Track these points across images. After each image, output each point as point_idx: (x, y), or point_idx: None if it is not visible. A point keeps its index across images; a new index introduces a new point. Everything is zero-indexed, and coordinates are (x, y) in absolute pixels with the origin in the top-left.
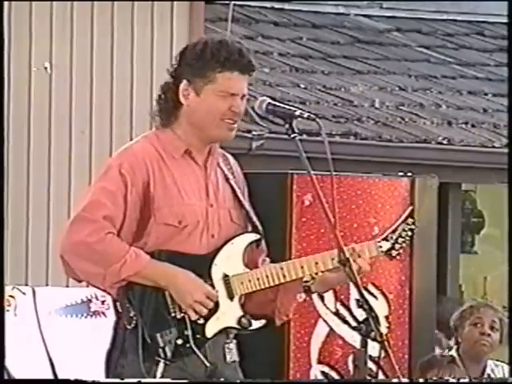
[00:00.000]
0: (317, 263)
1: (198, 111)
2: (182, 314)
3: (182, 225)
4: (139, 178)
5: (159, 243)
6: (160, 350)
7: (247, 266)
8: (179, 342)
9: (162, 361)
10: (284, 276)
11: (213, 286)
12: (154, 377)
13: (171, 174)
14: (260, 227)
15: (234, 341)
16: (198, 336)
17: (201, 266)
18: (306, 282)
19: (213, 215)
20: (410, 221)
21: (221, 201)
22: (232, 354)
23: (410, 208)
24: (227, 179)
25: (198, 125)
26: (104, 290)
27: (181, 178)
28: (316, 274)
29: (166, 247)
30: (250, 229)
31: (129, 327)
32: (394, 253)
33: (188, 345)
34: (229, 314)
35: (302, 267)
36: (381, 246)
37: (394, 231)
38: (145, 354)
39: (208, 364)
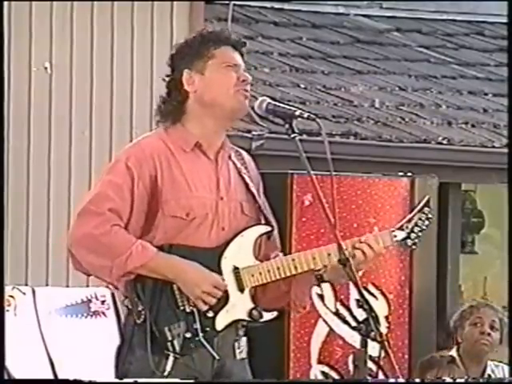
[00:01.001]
0: (329, 254)
1: (208, 89)
2: (191, 308)
3: (190, 217)
4: (146, 172)
5: (168, 237)
6: (168, 344)
7: (258, 259)
8: (188, 335)
9: (172, 354)
10: (295, 267)
11: (223, 279)
12: (164, 371)
13: (180, 167)
14: (274, 222)
15: (244, 338)
16: (207, 329)
17: (211, 259)
18: (318, 270)
19: (223, 208)
20: (426, 210)
21: (232, 193)
22: (242, 351)
23: (427, 197)
24: (240, 173)
25: (212, 103)
26: (111, 283)
27: (190, 171)
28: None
29: (176, 241)
30: (262, 222)
31: (138, 321)
32: (409, 242)
33: (197, 338)
34: (239, 307)
35: (314, 258)
36: (395, 236)
37: (409, 220)
38: (153, 348)
39: (217, 357)
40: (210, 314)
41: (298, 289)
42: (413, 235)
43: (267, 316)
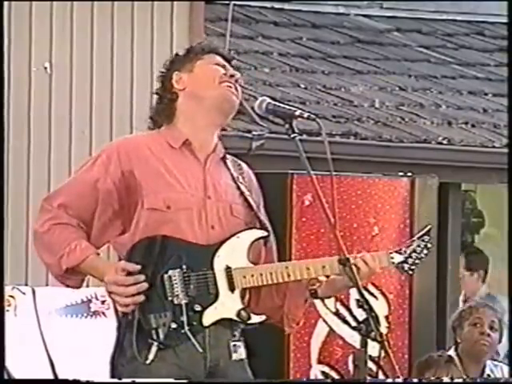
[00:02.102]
0: (324, 267)
1: (195, 83)
2: (179, 300)
3: (172, 210)
4: (117, 168)
5: (150, 230)
6: (153, 332)
7: (252, 262)
8: (173, 326)
9: (155, 343)
10: (288, 275)
11: (214, 276)
12: (146, 359)
13: (164, 163)
14: (272, 234)
15: (241, 338)
16: (194, 323)
17: (203, 255)
18: (312, 285)
19: (211, 207)
20: (426, 238)
21: (220, 195)
22: (238, 352)
23: (429, 227)
24: (234, 179)
25: (200, 95)
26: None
27: (176, 168)
28: (326, 276)
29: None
30: (257, 226)
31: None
32: (406, 267)
33: (183, 331)
34: (228, 306)
35: (307, 268)
36: (392, 258)
37: (408, 246)
38: (138, 337)
39: (201, 350)
40: (198, 308)
41: (291, 302)
42: (410, 260)
43: (255, 318)
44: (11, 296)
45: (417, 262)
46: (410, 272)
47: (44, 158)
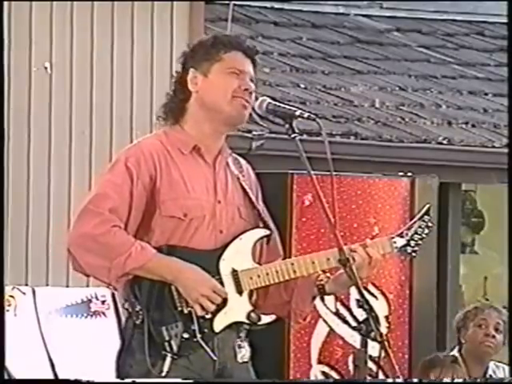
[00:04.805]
0: (328, 259)
1: (208, 91)
2: (189, 309)
3: (188, 218)
4: (145, 172)
5: (166, 238)
6: (166, 344)
7: (257, 262)
8: (186, 335)
9: (169, 355)
10: (294, 271)
11: (221, 281)
12: (161, 371)
13: (178, 169)
14: (274, 228)
15: (247, 340)
16: (205, 330)
17: (209, 261)
18: (320, 280)
19: (221, 211)
20: (426, 218)
21: (229, 198)
22: (243, 354)
23: (428, 206)
24: (238, 179)
25: (210, 106)
26: (109, 284)
27: (188, 173)
28: (327, 271)
29: (173, 242)
30: (261, 226)
31: (137, 322)
32: (409, 249)
33: (195, 339)
34: (237, 309)
35: (313, 263)
36: (395, 242)
37: (409, 228)
38: (151, 349)
39: (215, 357)
40: (208, 316)
41: (298, 297)
42: (412, 243)
43: (265, 319)
44: (11, 296)
45: (419, 242)
46: (414, 254)
47: (44, 158)
